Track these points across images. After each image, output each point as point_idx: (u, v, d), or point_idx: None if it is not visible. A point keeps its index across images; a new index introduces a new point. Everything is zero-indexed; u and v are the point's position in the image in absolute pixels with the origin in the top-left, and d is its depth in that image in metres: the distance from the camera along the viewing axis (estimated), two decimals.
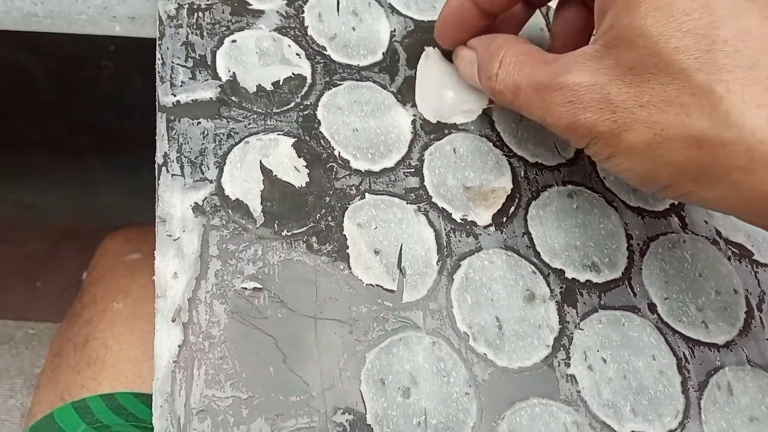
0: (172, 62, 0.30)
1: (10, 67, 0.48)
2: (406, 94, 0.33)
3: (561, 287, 0.29)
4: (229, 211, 0.27)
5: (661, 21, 0.23)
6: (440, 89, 0.34)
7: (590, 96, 0.25)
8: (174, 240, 0.26)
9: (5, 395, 0.80)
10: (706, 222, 0.33)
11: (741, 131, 0.21)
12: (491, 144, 0.33)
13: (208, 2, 0.32)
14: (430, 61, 0.34)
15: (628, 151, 0.24)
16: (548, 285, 0.29)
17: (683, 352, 0.29)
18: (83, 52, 0.55)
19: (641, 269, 0.31)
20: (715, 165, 0.22)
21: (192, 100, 0.29)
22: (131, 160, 0.59)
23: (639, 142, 0.24)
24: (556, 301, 0.29)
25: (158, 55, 0.30)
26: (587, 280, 0.30)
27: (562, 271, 0.30)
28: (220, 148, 0.29)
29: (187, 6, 0.31)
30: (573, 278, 0.30)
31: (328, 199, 0.29)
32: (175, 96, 0.29)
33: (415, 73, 0.34)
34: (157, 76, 0.29)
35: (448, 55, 0.35)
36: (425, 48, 0.34)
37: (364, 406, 0.25)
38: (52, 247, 0.68)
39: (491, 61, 0.29)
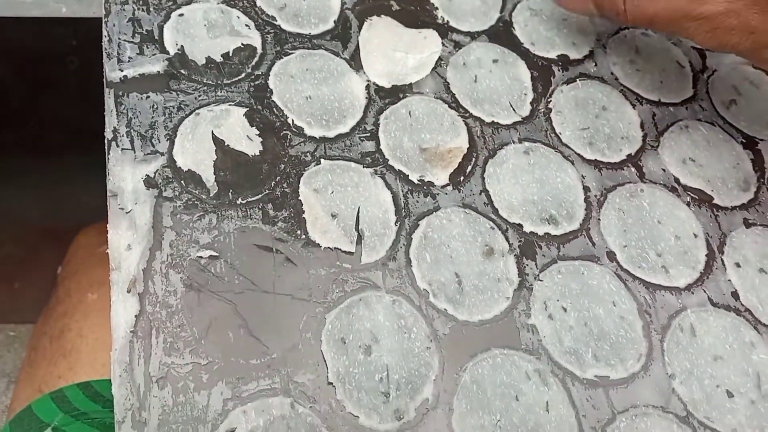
0: (119, 39, 0.30)
1: None
2: (359, 61, 0.33)
3: (519, 241, 0.29)
4: (182, 182, 0.27)
5: None
6: (391, 53, 0.34)
7: (729, 22, 0.28)
8: (126, 213, 0.26)
9: None
10: (663, 170, 0.33)
11: None
12: (446, 105, 0.33)
13: None
14: (375, 29, 0.34)
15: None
16: (507, 240, 0.29)
17: (644, 297, 0.29)
18: (47, 49, 0.54)
19: (599, 220, 0.31)
20: None
21: (139, 75, 0.29)
22: (103, 157, 0.58)
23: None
24: (515, 255, 0.29)
25: (104, 32, 0.30)
26: (546, 233, 0.30)
27: (520, 226, 0.30)
28: (171, 121, 0.28)
29: None
30: (531, 232, 0.30)
31: (282, 166, 0.29)
32: (122, 71, 0.29)
33: (359, 41, 0.34)
34: (103, 53, 0.29)
35: (395, 22, 0.35)
36: (368, 18, 0.34)
37: (326, 365, 0.25)
38: (29, 248, 0.68)
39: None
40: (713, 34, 0.29)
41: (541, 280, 0.28)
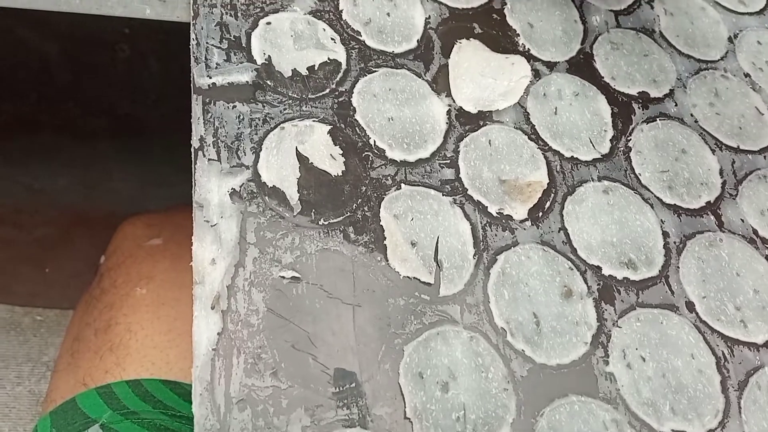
0: (207, 43, 0.29)
1: (24, 47, 0.47)
2: (440, 84, 0.33)
3: (598, 284, 0.29)
4: (266, 198, 0.27)
5: None
6: (479, 78, 0.33)
7: None
8: (212, 226, 0.25)
9: (13, 382, 0.79)
10: (742, 221, 0.33)
11: None
12: (526, 137, 0.32)
13: None
14: (464, 52, 0.34)
15: None
16: (585, 281, 0.29)
17: (722, 351, 0.28)
18: (99, 34, 0.54)
19: (678, 267, 0.30)
20: None
21: (228, 83, 0.28)
22: (144, 146, 0.58)
23: None
24: (593, 298, 0.28)
25: (192, 35, 0.29)
26: (624, 278, 0.29)
27: (599, 268, 0.29)
28: (256, 134, 0.28)
29: None
30: (610, 275, 0.29)
31: (364, 188, 0.28)
32: (210, 78, 0.28)
33: (448, 65, 0.33)
34: (191, 57, 0.29)
35: (483, 46, 0.34)
36: (458, 40, 0.34)
37: (403, 399, 0.24)
38: (62, 232, 0.67)
39: None
40: None
41: (619, 327, 0.28)
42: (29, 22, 0.48)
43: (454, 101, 0.32)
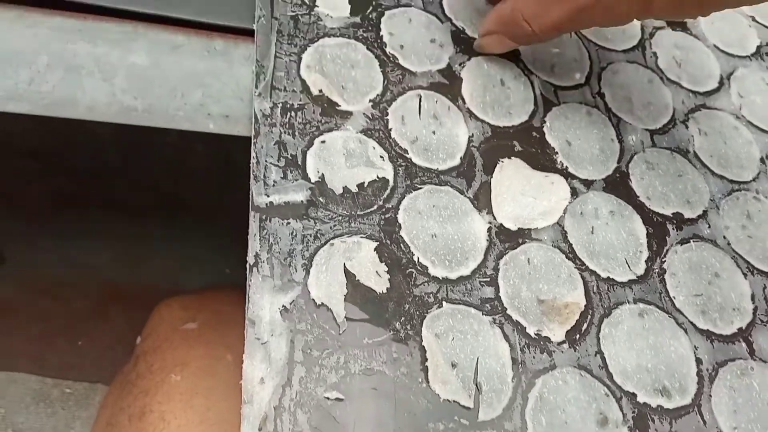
0: (266, 161, 0.31)
1: (79, 126, 0.49)
2: (481, 200, 0.34)
3: (633, 412, 0.29)
4: (314, 315, 0.28)
5: None
6: (520, 197, 0.34)
7: None
8: (262, 344, 0.27)
9: None
10: None
11: None
12: (564, 256, 0.33)
13: (301, 102, 0.33)
14: (506, 171, 0.35)
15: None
16: (621, 409, 0.29)
17: None
18: None
19: (710, 396, 0.31)
20: None
21: (284, 202, 0.30)
22: (184, 225, 0.60)
23: None
24: (628, 427, 0.29)
25: (253, 154, 0.31)
26: (658, 406, 0.30)
27: (634, 395, 0.30)
28: (307, 250, 0.29)
29: (281, 105, 0.32)
30: (644, 402, 0.30)
31: (407, 306, 0.29)
32: (268, 197, 0.30)
33: (491, 183, 0.34)
34: (251, 175, 0.30)
35: (524, 163, 0.35)
36: (500, 159, 0.35)
37: None
38: (98, 305, 0.69)
39: (517, 27, 0.35)
40: (611, 12, 0.32)
41: None
42: None
43: (494, 218, 0.33)
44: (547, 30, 0.34)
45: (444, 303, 0.30)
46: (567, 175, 0.36)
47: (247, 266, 0.28)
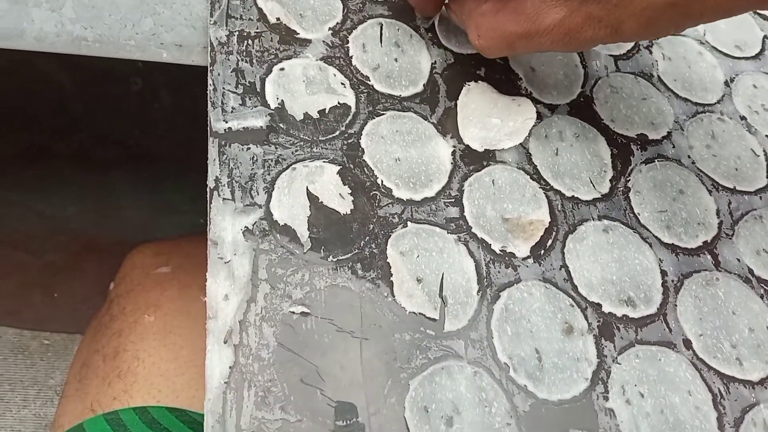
0: (223, 88, 0.31)
1: (41, 78, 0.49)
2: (445, 125, 0.34)
3: (598, 321, 0.30)
4: (278, 235, 0.28)
5: None
6: (486, 118, 0.34)
7: (575, 21, 0.29)
8: (225, 263, 0.27)
9: (18, 405, 0.80)
10: (738, 260, 0.33)
11: None
12: (528, 177, 0.33)
13: (258, 30, 0.33)
14: (472, 94, 0.35)
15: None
16: (586, 318, 0.30)
17: (718, 389, 0.29)
18: (114, 67, 0.56)
19: (676, 305, 0.31)
20: None
21: (243, 128, 0.30)
22: (154, 176, 0.59)
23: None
24: (594, 335, 0.29)
25: (210, 81, 0.31)
26: (624, 315, 0.30)
27: (599, 305, 0.30)
28: (269, 174, 0.29)
29: (237, 33, 0.32)
30: (610, 312, 0.30)
31: (371, 226, 0.30)
32: (226, 122, 0.30)
33: (456, 106, 0.34)
34: (209, 102, 0.30)
35: (491, 87, 0.35)
36: (466, 83, 0.35)
37: None
38: (71, 258, 0.69)
39: (470, 31, 0.33)
40: (574, 38, 0.30)
41: (619, 363, 0.29)
42: (46, 54, 0.50)
43: (458, 142, 0.33)
44: (496, 46, 0.32)
45: (409, 223, 0.30)
46: (531, 100, 0.36)
47: (208, 190, 0.28)
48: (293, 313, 0.26)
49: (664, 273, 0.32)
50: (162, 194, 0.59)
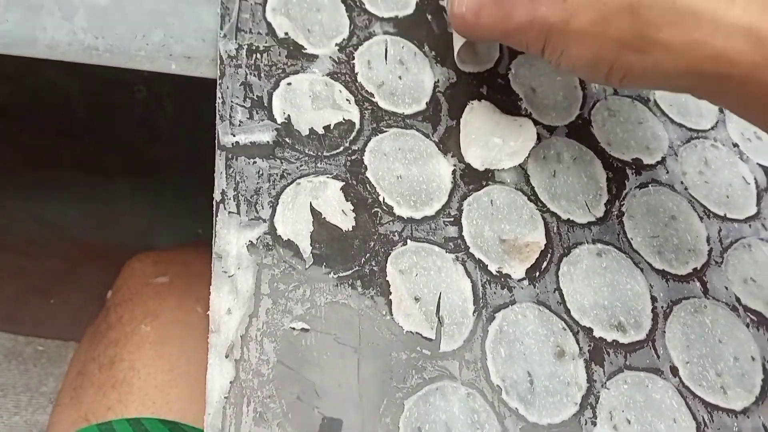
0: (232, 101, 0.31)
1: (47, 84, 0.49)
2: (447, 144, 0.34)
3: (589, 345, 0.30)
4: (281, 250, 0.28)
5: None
6: (487, 137, 0.35)
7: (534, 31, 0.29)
8: (229, 276, 0.27)
9: (10, 411, 0.80)
10: (726, 288, 0.34)
11: None
12: (526, 198, 0.34)
13: (266, 44, 0.33)
14: (475, 112, 0.35)
15: (578, 36, 0.28)
16: (577, 342, 0.30)
17: (702, 417, 0.30)
18: (119, 75, 0.55)
19: (664, 332, 0.32)
20: (648, 25, 0.27)
21: (250, 142, 0.30)
22: (156, 184, 0.60)
23: (585, 23, 0.28)
24: (584, 359, 0.30)
25: (218, 94, 0.31)
26: (614, 340, 0.31)
27: (590, 330, 0.31)
28: (274, 188, 0.30)
29: (246, 47, 0.33)
30: (600, 337, 0.31)
31: (372, 243, 0.30)
32: (234, 136, 0.30)
33: (459, 124, 0.35)
34: (217, 114, 0.30)
35: (494, 106, 0.36)
36: (470, 102, 0.36)
37: None
38: (70, 264, 0.68)
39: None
40: (527, 8, 0.29)
41: (608, 389, 0.29)
42: (52, 61, 0.50)
43: (459, 161, 0.34)
44: (468, 25, 0.32)
45: (408, 241, 0.31)
46: (531, 121, 0.37)
47: (214, 203, 0.28)
48: (294, 329, 0.27)
49: (654, 299, 0.33)
50: (162, 202, 0.59)
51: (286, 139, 0.31)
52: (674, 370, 0.31)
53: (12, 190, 0.60)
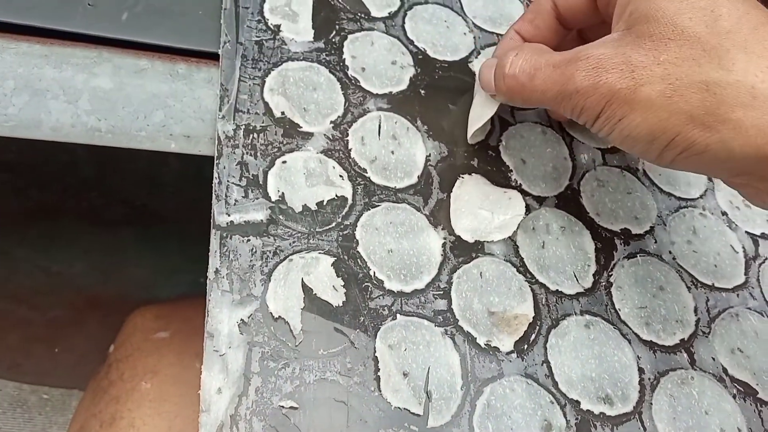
0: (228, 181, 0.32)
1: (55, 143, 0.51)
2: (437, 217, 0.35)
3: (576, 418, 0.31)
4: (272, 327, 0.29)
5: (675, 1, 0.28)
6: (477, 210, 0.36)
7: (613, 61, 0.29)
8: (220, 356, 0.28)
9: None
10: (713, 359, 0.35)
11: (745, 74, 0.26)
12: (515, 269, 0.35)
13: (263, 124, 0.34)
14: (465, 186, 0.37)
15: (644, 104, 0.28)
16: (564, 416, 0.31)
17: None
18: None
19: (651, 404, 0.32)
20: (722, 104, 0.26)
21: (245, 222, 0.31)
22: (159, 235, 0.61)
23: (654, 93, 0.27)
24: None
25: (215, 174, 0.32)
26: (601, 413, 0.31)
27: (578, 402, 0.31)
28: (266, 266, 0.31)
29: (243, 127, 0.34)
30: (588, 410, 0.31)
31: (362, 318, 0.31)
32: (229, 216, 0.31)
33: (449, 197, 0.36)
34: (213, 194, 0.32)
35: (484, 179, 0.37)
36: (461, 175, 0.37)
37: None
38: (74, 314, 0.70)
39: (508, 54, 0.33)
40: (590, 73, 0.29)
41: None
42: None
43: (449, 234, 0.35)
44: (518, 88, 0.32)
45: (398, 315, 0.32)
46: (521, 192, 0.38)
47: (207, 281, 0.29)
48: (282, 407, 0.27)
49: (641, 370, 0.33)
50: (165, 254, 0.60)
51: (280, 216, 0.32)
52: None
53: (18, 243, 0.62)
